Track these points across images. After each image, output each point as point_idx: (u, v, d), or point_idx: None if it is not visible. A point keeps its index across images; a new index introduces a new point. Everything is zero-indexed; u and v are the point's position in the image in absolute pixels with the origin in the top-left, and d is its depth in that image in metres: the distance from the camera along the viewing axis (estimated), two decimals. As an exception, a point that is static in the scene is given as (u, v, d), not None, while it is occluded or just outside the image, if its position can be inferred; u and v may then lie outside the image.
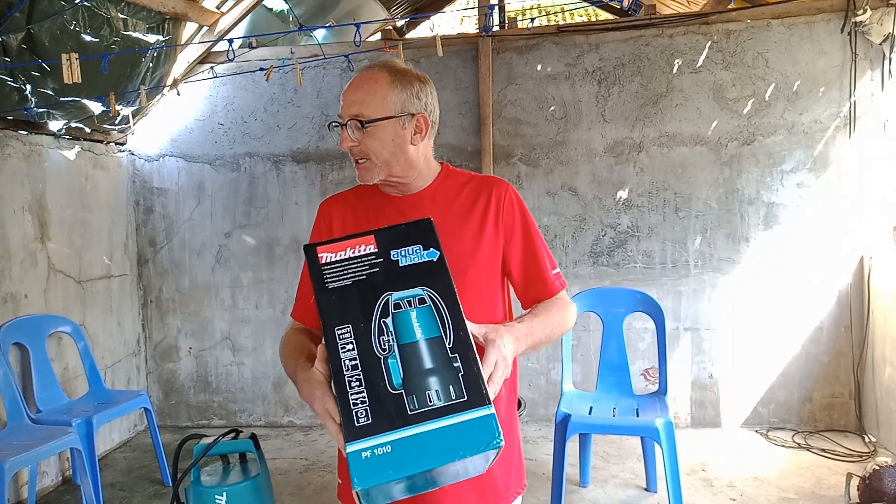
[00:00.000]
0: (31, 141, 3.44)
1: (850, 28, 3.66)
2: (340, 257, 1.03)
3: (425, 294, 1.00)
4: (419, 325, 0.98)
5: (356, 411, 0.92)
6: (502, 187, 1.41)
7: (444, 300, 1.00)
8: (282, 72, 4.08)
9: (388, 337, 0.97)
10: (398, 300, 0.99)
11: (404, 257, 1.03)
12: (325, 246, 1.04)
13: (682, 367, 3.96)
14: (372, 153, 1.32)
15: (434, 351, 0.97)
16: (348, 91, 1.34)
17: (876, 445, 3.56)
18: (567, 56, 3.96)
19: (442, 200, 1.39)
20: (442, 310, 1.00)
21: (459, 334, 0.98)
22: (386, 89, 1.32)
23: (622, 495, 3.18)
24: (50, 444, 2.78)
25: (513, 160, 4.04)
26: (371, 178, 1.35)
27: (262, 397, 4.33)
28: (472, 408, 0.93)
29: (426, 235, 1.06)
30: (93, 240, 3.90)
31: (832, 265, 3.80)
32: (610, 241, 4.00)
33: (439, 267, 1.03)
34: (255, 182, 4.25)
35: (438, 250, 1.05)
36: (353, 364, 0.95)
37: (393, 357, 0.96)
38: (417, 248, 1.04)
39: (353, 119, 1.31)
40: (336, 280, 1.01)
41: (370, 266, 1.02)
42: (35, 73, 3.05)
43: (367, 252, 1.03)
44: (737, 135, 3.85)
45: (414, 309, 0.99)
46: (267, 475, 1.35)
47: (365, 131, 1.30)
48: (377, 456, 0.89)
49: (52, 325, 3.46)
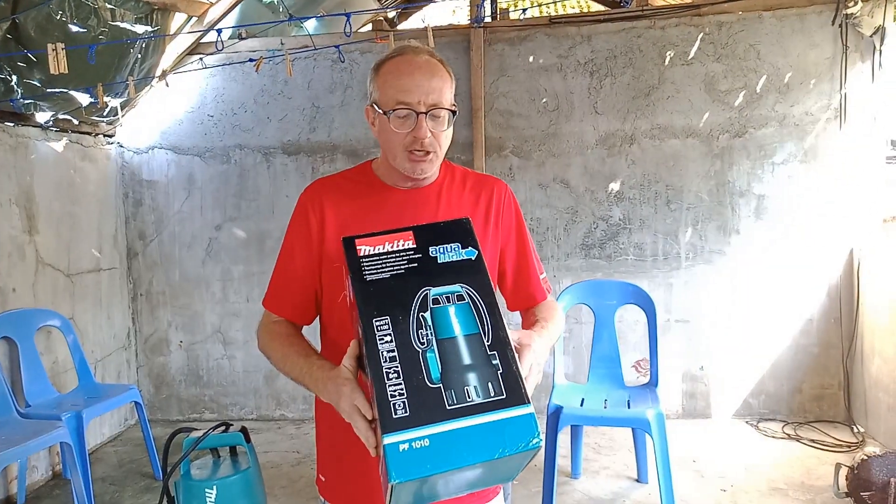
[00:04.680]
0: (17, 133, 3.40)
1: (841, 20, 3.66)
2: (379, 251, 1.04)
3: (463, 291, 1.01)
4: (458, 321, 0.98)
5: (394, 403, 0.91)
6: (501, 187, 1.40)
7: (483, 298, 1.01)
8: (272, 63, 4.04)
9: (427, 331, 0.97)
10: (437, 295, 1.00)
11: (442, 254, 1.04)
12: (363, 239, 1.05)
13: (674, 358, 3.97)
14: (440, 145, 1.26)
15: (472, 347, 0.96)
16: (421, 77, 1.23)
17: (864, 436, 3.59)
18: (559, 48, 3.95)
19: (448, 197, 1.36)
20: (480, 307, 1.00)
21: (498, 333, 0.98)
22: (450, 78, 1.27)
23: (613, 486, 3.20)
24: (39, 438, 2.76)
25: (505, 152, 4.03)
26: (430, 171, 1.29)
27: (253, 391, 4.31)
28: (511, 406, 0.93)
29: (464, 234, 1.07)
30: (81, 233, 3.86)
31: (822, 257, 3.82)
32: (602, 233, 4.00)
33: (477, 265, 1.04)
34: (245, 174, 4.22)
35: (476, 249, 1.06)
36: (391, 356, 0.94)
37: (431, 351, 0.95)
38: (455, 246, 1.05)
39: (437, 108, 1.22)
40: (374, 273, 1.02)
41: (409, 261, 1.03)
42: (21, 64, 3.01)
43: (406, 247, 1.04)
44: (728, 127, 3.85)
45: (452, 305, 0.99)
46: (257, 468, 1.34)
47: (438, 122, 1.23)
48: (415, 449, 0.88)
49: (40, 318, 3.43)
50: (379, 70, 1.28)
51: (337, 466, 1.34)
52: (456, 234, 1.07)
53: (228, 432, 1.35)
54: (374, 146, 4.10)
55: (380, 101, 1.26)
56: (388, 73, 1.25)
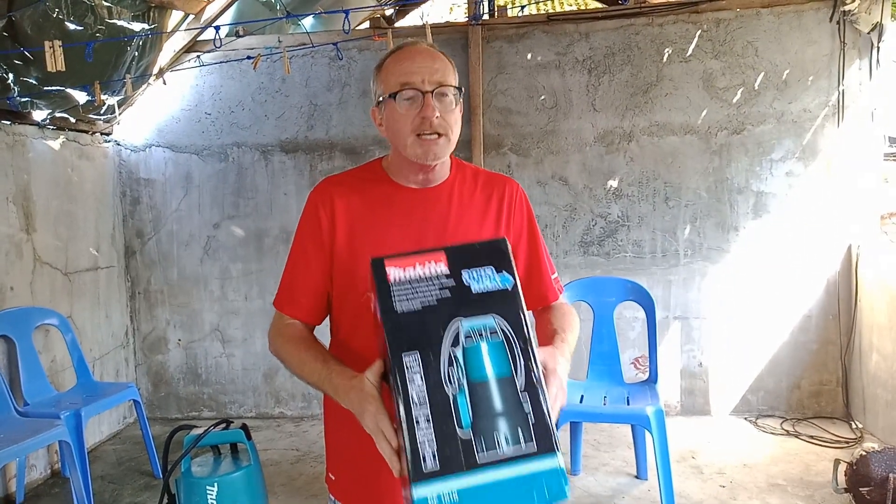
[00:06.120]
0: (14, 131, 3.39)
1: (839, 17, 3.67)
2: (410, 276, 0.99)
3: (497, 324, 0.97)
4: (490, 362, 0.95)
5: (423, 453, 0.90)
6: (513, 186, 1.39)
7: (516, 332, 0.97)
8: (269, 60, 4.03)
9: (458, 371, 0.94)
10: (469, 330, 0.96)
11: (477, 281, 1.00)
12: (393, 260, 1.00)
13: (672, 355, 3.98)
14: (450, 126, 1.23)
15: (504, 391, 0.94)
16: (423, 59, 1.22)
17: (863, 432, 3.60)
18: (557, 45, 3.95)
19: (460, 195, 1.33)
20: (513, 343, 0.96)
21: (530, 374, 0.95)
22: (451, 66, 1.25)
23: (613, 483, 3.20)
24: (38, 436, 2.76)
25: (503, 150, 4.03)
26: (443, 155, 1.25)
27: (252, 389, 4.31)
28: (540, 455, 0.91)
29: (500, 257, 1.01)
30: (79, 231, 3.85)
31: (820, 254, 3.82)
32: (600, 230, 4.00)
33: (513, 295, 0.99)
34: (243, 172, 4.21)
35: (513, 277, 1.01)
36: (420, 398, 0.92)
37: (462, 394, 0.93)
38: (490, 271, 1.00)
39: (444, 86, 1.20)
40: (404, 301, 0.97)
41: (440, 288, 0.98)
42: (17, 62, 2.99)
43: (438, 273, 0.99)
44: (726, 124, 3.85)
45: (485, 341, 0.96)
46: (258, 465, 1.34)
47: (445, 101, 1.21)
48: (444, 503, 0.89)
49: (38, 317, 3.42)
50: (381, 66, 1.28)
51: (349, 466, 1.33)
52: (491, 257, 1.01)
53: (229, 430, 1.35)
54: (372, 143, 4.10)
55: (385, 90, 1.25)
56: (390, 65, 1.25)
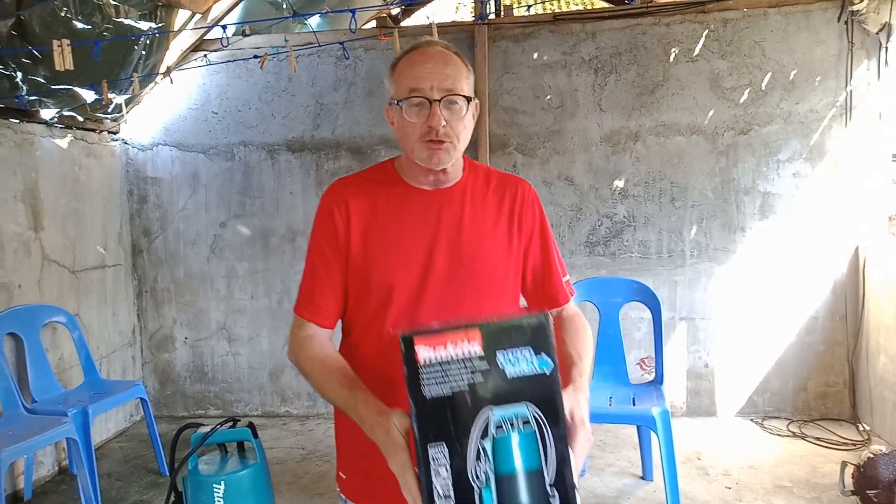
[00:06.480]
0: (22, 129, 3.40)
1: (847, 17, 3.65)
2: (441, 357, 0.92)
3: (530, 413, 0.92)
4: (520, 454, 0.91)
5: None
6: (526, 187, 1.38)
7: (550, 422, 0.92)
8: (276, 60, 4.04)
9: (486, 464, 0.91)
10: (500, 419, 0.91)
11: (512, 364, 0.93)
12: (423, 337, 0.93)
13: (678, 356, 3.97)
14: (456, 135, 1.22)
15: (532, 485, 0.91)
16: (435, 65, 1.21)
17: (870, 434, 3.58)
18: (563, 45, 3.94)
19: (472, 197, 1.32)
20: (546, 434, 0.92)
21: (562, 470, 0.91)
22: (466, 69, 1.24)
23: (618, 483, 3.20)
24: (46, 433, 2.77)
25: (509, 150, 4.02)
26: (446, 161, 1.25)
27: (258, 387, 4.32)
28: None
29: (540, 337, 0.94)
30: (86, 229, 3.87)
31: (827, 255, 3.81)
32: (606, 230, 3.99)
33: (550, 381, 0.93)
34: (249, 171, 4.22)
35: (552, 360, 0.94)
36: (445, 492, 0.90)
37: (488, 489, 0.90)
38: (528, 353, 0.93)
39: (451, 95, 1.19)
40: (434, 385, 0.92)
41: (472, 372, 0.92)
42: (26, 61, 3.01)
43: (472, 354, 0.93)
44: (733, 124, 3.84)
45: (516, 431, 0.91)
46: (265, 464, 1.34)
47: (454, 110, 1.20)
48: None
49: (46, 315, 3.44)
50: (395, 67, 1.28)
51: (359, 466, 1.33)
52: (531, 337, 0.94)
53: (236, 428, 1.35)
54: (378, 143, 4.10)
55: (395, 94, 1.25)
56: (403, 66, 1.25)
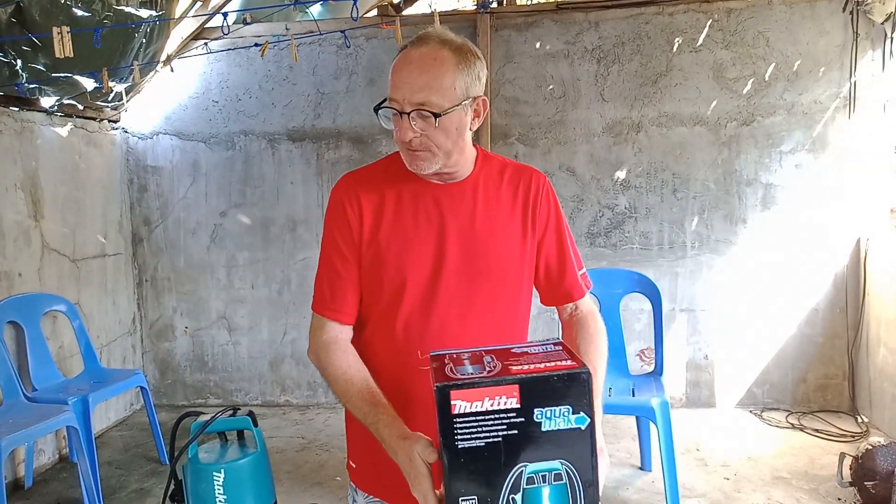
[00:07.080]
0: (22, 118, 3.39)
1: (852, 7, 3.62)
2: (476, 409, 0.90)
3: (563, 469, 0.90)
4: None
5: None
6: (540, 179, 1.35)
7: (582, 478, 0.91)
8: (277, 48, 4.02)
9: None
10: (532, 474, 0.90)
11: (549, 420, 0.90)
12: (460, 391, 0.90)
13: (678, 347, 3.97)
14: (435, 145, 1.19)
15: None
16: (409, 73, 1.16)
17: (868, 426, 3.59)
18: (566, 34, 3.92)
19: (485, 190, 1.30)
20: (577, 490, 0.91)
21: None
22: (453, 73, 1.17)
23: (617, 474, 3.20)
24: (46, 422, 2.78)
25: (510, 140, 4.01)
26: (428, 168, 1.22)
27: (258, 376, 4.33)
28: None
29: (579, 394, 0.91)
30: (87, 218, 3.86)
31: (829, 247, 3.80)
32: (607, 221, 3.99)
33: (585, 437, 0.91)
34: (250, 161, 4.21)
35: (589, 416, 0.91)
36: None
37: None
38: (566, 411, 0.90)
39: (420, 109, 1.15)
40: (467, 438, 0.90)
41: (508, 426, 0.90)
42: (25, 48, 2.99)
43: (508, 408, 0.90)
44: (736, 115, 3.82)
45: (547, 485, 0.90)
46: (265, 452, 1.34)
47: (429, 121, 1.16)
48: None
49: (46, 303, 3.44)
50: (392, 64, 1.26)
51: (369, 455, 1.33)
52: (570, 394, 0.91)
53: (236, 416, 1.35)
54: (379, 133, 4.09)
55: None
56: (392, 67, 1.21)
